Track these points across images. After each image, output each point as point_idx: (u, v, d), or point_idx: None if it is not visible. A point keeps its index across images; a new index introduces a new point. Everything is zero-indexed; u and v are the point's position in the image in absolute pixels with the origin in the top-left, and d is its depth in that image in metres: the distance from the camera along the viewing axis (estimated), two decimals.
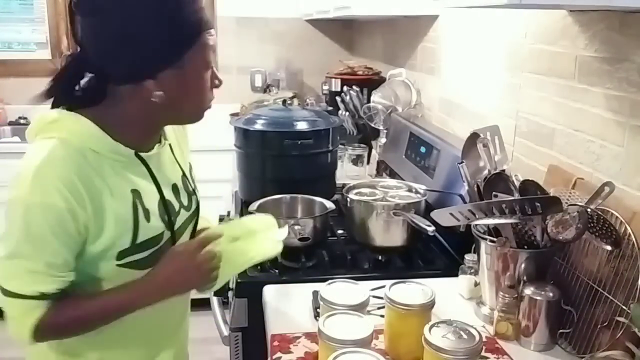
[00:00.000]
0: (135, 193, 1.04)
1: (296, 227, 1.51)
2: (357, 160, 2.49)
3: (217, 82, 1.07)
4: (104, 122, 1.01)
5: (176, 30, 0.97)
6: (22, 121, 3.49)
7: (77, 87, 1.03)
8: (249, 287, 1.45)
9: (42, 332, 1.01)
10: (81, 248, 1.00)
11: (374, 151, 2.57)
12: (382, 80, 2.67)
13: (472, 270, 1.37)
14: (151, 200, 1.06)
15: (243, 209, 1.93)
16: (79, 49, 1.02)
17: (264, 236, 1.18)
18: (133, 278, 1.05)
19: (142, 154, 1.07)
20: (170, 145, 1.16)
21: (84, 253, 1.01)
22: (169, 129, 1.16)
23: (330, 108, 2.88)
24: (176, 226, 1.12)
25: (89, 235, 0.99)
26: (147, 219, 1.05)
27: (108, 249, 1.01)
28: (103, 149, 1.01)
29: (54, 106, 1.05)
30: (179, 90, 1.01)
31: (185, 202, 1.15)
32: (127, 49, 0.96)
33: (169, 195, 1.11)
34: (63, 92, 1.03)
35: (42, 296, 0.98)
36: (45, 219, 0.95)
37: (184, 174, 1.18)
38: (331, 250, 1.60)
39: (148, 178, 1.07)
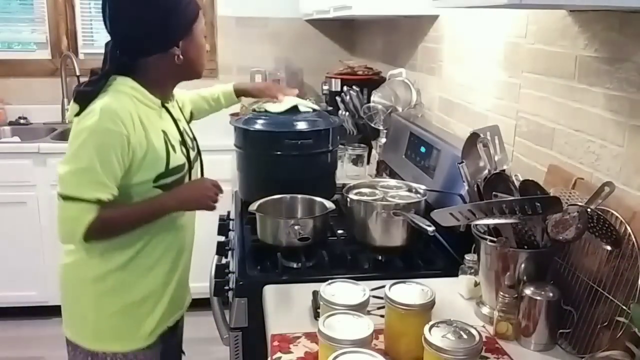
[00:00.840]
0: (164, 132, 1.43)
1: (296, 227, 1.51)
2: (357, 160, 2.49)
3: (207, 48, 1.53)
4: (140, 83, 1.41)
5: (188, 11, 1.41)
6: (22, 121, 3.49)
7: (113, 63, 1.41)
8: (249, 287, 1.45)
9: (91, 232, 1.33)
10: (128, 171, 1.35)
11: (374, 151, 2.56)
12: (382, 80, 2.67)
13: (472, 270, 1.37)
14: (174, 139, 1.46)
15: (243, 209, 1.93)
16: (111, 39, 1.42)
17: None
18: None
19: (165, 104, 1.48)
20: (177, 101, 1.58)
21: (136, 177, 1.37)
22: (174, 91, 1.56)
23: (330, 108, 2.88)
24: (192, 160, 1.52)
25: (135, 159, 1.35)
26: (174, 150, 1.44)
27: (150, 172, 1.39)
28: (142, 98, 1.41)
29: (101, 75, 1.40)
30: (192, 53, 1.44)
31: (190, 144, 1.55)
32: (163, 29, 1.38)
33: (184, 136, 1.52)
34: (110, 65, 1.41)
35: (98, 202, 1.32)
36: (110, 140, 1.30)
37: (188, 123, 1.61)
38: (331, 250, 1.60)
39: (171, 122, 1.49)
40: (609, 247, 1.10)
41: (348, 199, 1.61)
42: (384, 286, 1.17)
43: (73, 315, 1.50)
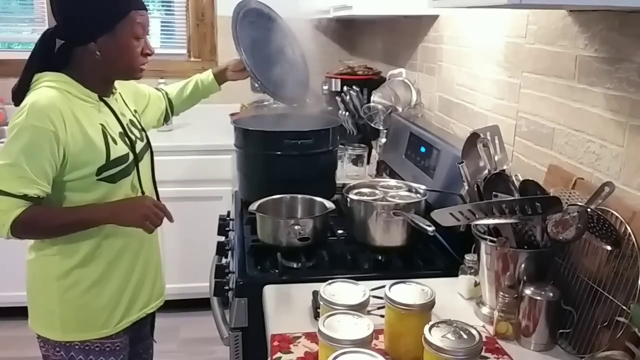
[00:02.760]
0: (102, 125, 1.44)
1: (296, 227, 1.51)
2: (357, 160, 2.49)
3: (148, 51, 1.48)
4: (73, 77, 1.42)
5: (108, 9, 1.39)
6: None
7: (52, 53, 1.43)
8: (249, 287, 1.45)
9: (18, 226, 1.34)
10: (61, 167, 1.36)
11: (374, 151, 2.56)
12: (382, 80, 2.67)
13: (472, 270, 1.37)
14: (114, 130, 1.47)
15: (243, 209, 1.93)
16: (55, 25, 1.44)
17: None
18: (107, 191, 1.44)
19: (104, 98, 1.48)
20: (120, 93, 1.57)
21: (77, 171, 1.38)
22: (116, 85, 1.55)
23: (330, 108, 2.88)
24: (137, 150, 1.52)
25: (69, 155, 1.36)
26: (115, 142, 1.45)
27: (90, 166, 1.39)
28: (76, 92, 1.41)
29: (29, 70, 1.44)
30: (112, 51, 1.42)
31: (138, 135, 1.56)
32: (78, 21, 1.40)
33: (127, 127, 1.52)
34: (42, 58, 1.44)
35: (24, 197, 1.34)
36: (36, 138, 1.32)
37: (133, 115, 1.60)
38: (331, 250, 1.60)
39: (111, 115, 1.49)
40: (609, 247, 1.10)
41: (348, 199, 1.61)
42: (384, 286, 1.17)
43: (40, 310, 1.52)
